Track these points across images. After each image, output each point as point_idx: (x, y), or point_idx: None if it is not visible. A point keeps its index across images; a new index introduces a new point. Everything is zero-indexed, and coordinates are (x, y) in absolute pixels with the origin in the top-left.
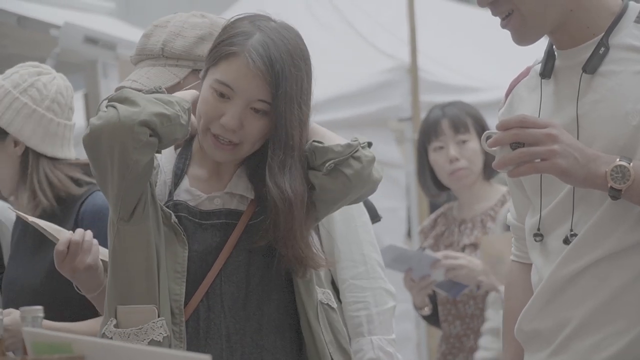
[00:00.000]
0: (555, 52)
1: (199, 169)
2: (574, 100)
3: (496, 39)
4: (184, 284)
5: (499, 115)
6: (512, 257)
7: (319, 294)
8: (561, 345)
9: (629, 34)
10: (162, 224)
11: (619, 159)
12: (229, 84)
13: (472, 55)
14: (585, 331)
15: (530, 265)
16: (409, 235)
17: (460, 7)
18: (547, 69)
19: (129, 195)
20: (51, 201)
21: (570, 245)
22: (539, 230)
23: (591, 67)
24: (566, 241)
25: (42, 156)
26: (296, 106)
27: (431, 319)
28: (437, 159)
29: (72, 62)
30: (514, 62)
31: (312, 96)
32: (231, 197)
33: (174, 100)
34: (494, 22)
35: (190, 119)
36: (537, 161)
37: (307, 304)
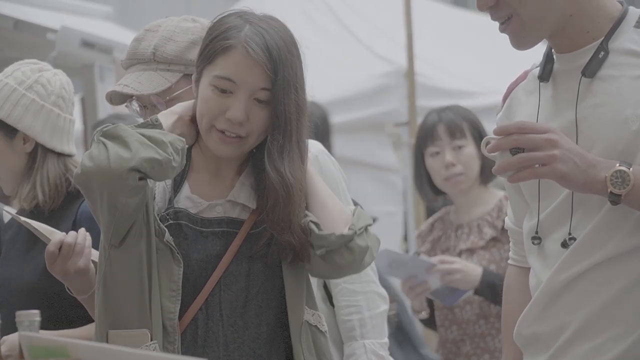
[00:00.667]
0: (554, 56)
1: (199, 174)
2: (573, 104)
3: (493, 44)
4: (179, 302)
5: (497, 119)
6: (510, 261)
7: (307, 315)
8: (560, 349)
9: (629, 38)
10: (157, 241)
11: (618, 164)
12: (230, 77)
13: (469, 59)
14: (584, 335)
15: (528, 269)
16: (406, 239)
17: (457, 11)
18: (546, 71)
19: (119, 228)
20: (47, 197)
21: (568, 249)
22: (537, 233)
23: (590, 71)
24: (564, 245)
25: (50, 152)
26: (293, 91)
27: (429, 322)
28: (433, 164)
29: (69, 66)
30: (511, 66)
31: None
32: (233, 206)
33: (167, 140)
34: (491, 26)
35: (184, 158)
36: (537, 166)
37: (292, 321)
